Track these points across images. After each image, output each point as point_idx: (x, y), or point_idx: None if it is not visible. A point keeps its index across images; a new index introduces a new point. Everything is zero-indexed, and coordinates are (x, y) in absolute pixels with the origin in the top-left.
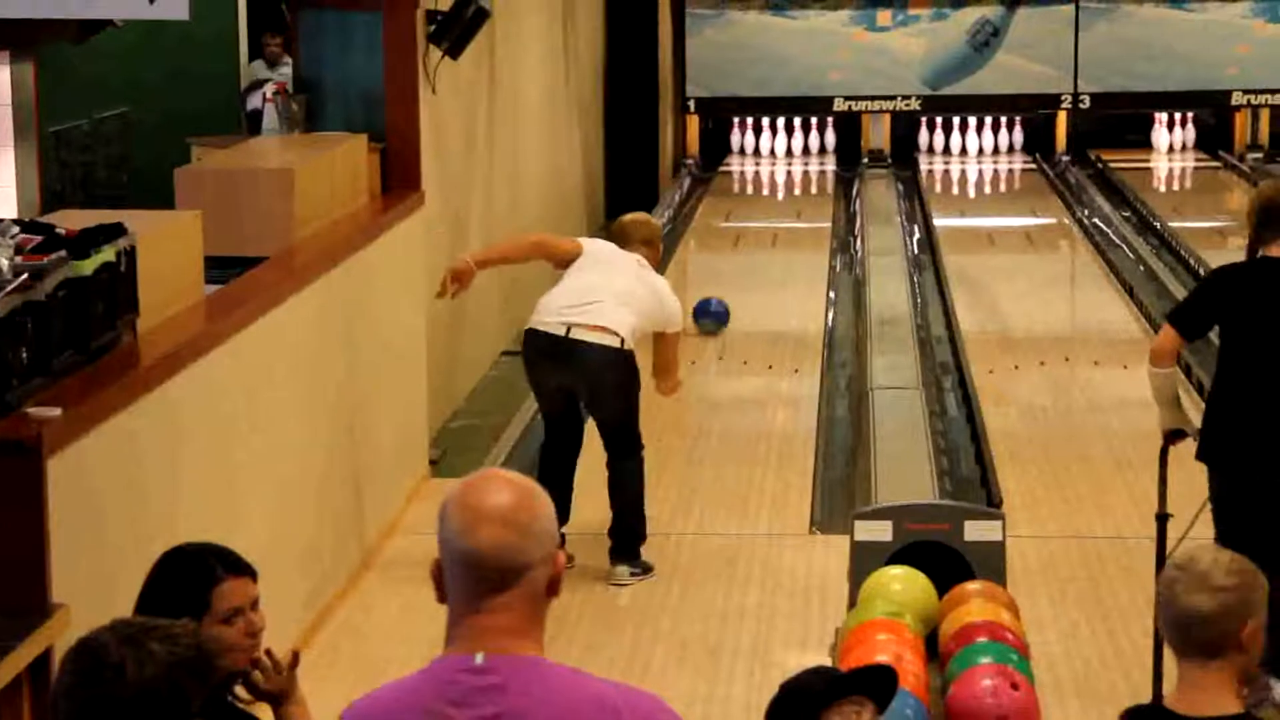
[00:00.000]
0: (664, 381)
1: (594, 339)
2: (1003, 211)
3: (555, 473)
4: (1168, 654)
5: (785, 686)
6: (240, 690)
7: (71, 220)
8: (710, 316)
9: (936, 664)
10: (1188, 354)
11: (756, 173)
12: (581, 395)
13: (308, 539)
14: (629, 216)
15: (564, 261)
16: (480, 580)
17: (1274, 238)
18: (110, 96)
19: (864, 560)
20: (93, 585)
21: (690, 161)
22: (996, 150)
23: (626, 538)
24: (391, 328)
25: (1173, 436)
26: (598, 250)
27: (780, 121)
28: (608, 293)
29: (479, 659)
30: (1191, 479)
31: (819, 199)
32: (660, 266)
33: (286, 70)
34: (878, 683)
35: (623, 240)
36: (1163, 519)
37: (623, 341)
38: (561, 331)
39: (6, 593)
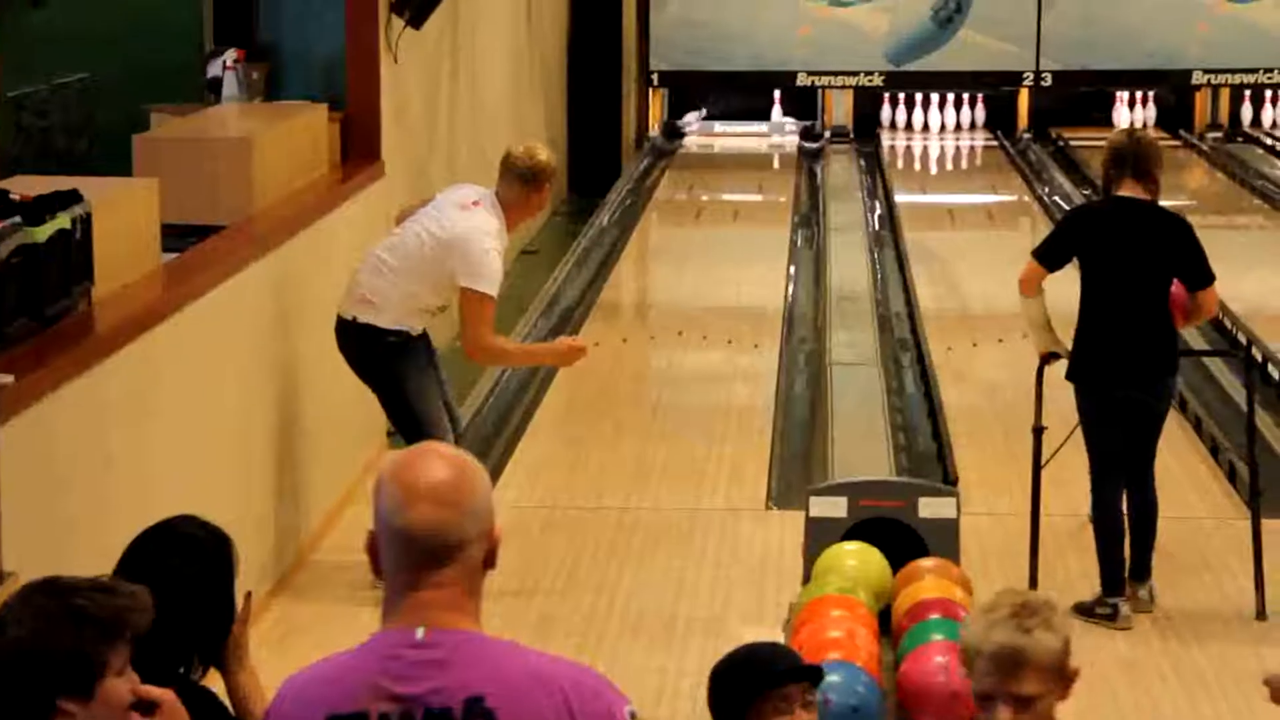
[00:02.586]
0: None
1: (341, 319)
2: (964, 188)
3: None
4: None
5: (714, 673)
6: None
7: (26, 186)
8: None
9: (889, 640)
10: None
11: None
12: None
13: (264, 508)
14: (522, 146)
15: None
16: (417, 556)
17: (1122, 179)
18: (70, 60)
19: (818, 536)
20: (45, 554)
21: (653, 135)
22: (958, 127)
23: None
24: None
25: (1049, 358)
26: (427, 205)
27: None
28: (367, 261)
29: (420, 634)
30: None
31: (781, 174)
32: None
33: None
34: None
35: (501, 169)
36: (1038, 432)
37: (355, 318)
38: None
39: None
